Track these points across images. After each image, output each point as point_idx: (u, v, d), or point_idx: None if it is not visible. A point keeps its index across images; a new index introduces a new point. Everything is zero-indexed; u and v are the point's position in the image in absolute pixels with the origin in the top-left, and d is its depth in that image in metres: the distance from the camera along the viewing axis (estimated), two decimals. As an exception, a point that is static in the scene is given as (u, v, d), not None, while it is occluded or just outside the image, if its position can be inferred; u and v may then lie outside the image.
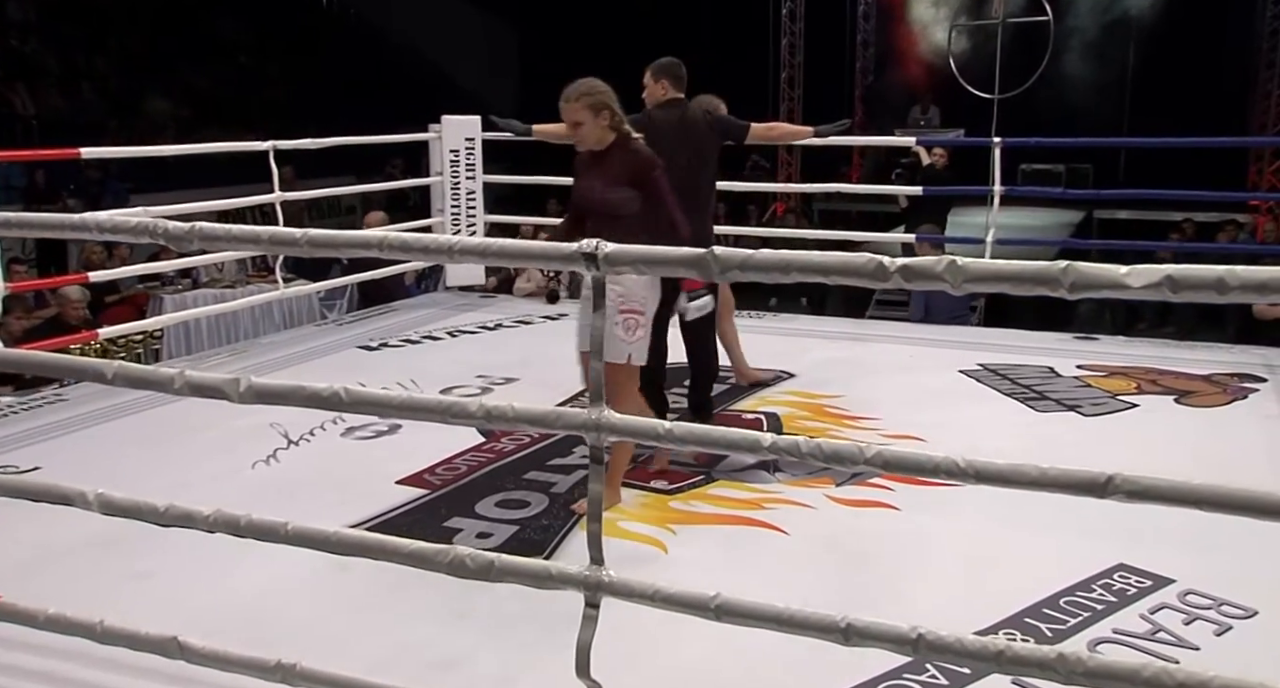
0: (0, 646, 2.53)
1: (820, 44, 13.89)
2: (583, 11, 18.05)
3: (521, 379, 5.41)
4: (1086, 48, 13.67)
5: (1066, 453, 4.14)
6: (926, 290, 6.33)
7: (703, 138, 4.46)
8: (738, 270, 1.62)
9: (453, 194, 7.05)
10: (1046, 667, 1.60)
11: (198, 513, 1.99)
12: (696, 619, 1.93)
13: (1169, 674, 1.64)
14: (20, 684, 2.45)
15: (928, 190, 7.42)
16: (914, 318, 7.30)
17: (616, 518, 3.62)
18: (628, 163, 3.59)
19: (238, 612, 2.80)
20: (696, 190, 4.29)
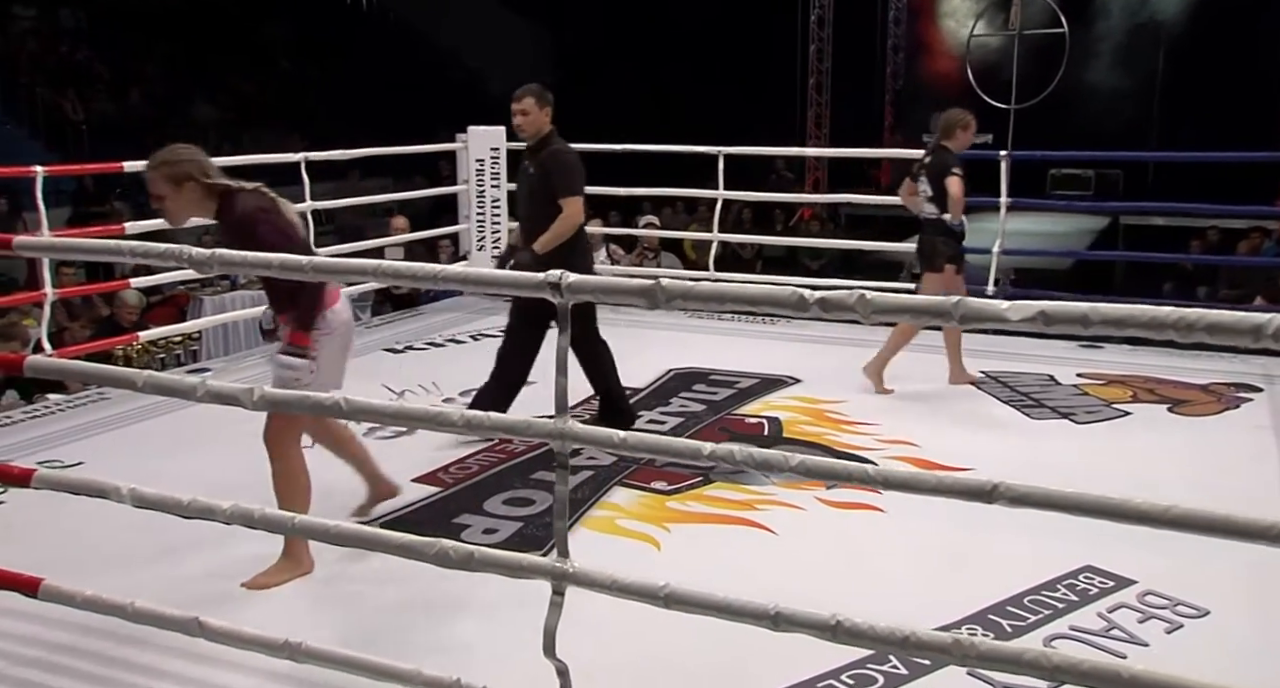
0: (44, 624, 2.80)
1: (848, 50, 14.03)
2: (615, 15, 18.29)
3: (537, 382, 5.63)
4: (1115, 54, 13.71)
5: (1054, 459, 4.38)
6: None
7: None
8: (680, 299, 1.83)
9: (478, 201, 7.30)
10: (946, 652, 1.79)
11: (217, 507, 2.23)
12: (682, 615, 2.15)
13: (1107, 668, 1.83)
14: (61, 659, 2.72)
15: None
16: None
17: (615, 516, 3.86)
18: (231, 229, 3.21)
19: (260, 595, 3.06)
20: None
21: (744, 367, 5.87)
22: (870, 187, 14.90)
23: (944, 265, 5.30)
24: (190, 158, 3.26)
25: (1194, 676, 1.85)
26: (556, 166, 4.49)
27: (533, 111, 4.49)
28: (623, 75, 17.67)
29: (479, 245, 7.41)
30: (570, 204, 4.44)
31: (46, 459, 4.23)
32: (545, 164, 4.51)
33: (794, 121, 14.09)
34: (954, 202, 5.16)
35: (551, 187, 4.47)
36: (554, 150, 4.53)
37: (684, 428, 4.88)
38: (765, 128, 14.87)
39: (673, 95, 16.66)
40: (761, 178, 14.99)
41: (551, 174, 4.49)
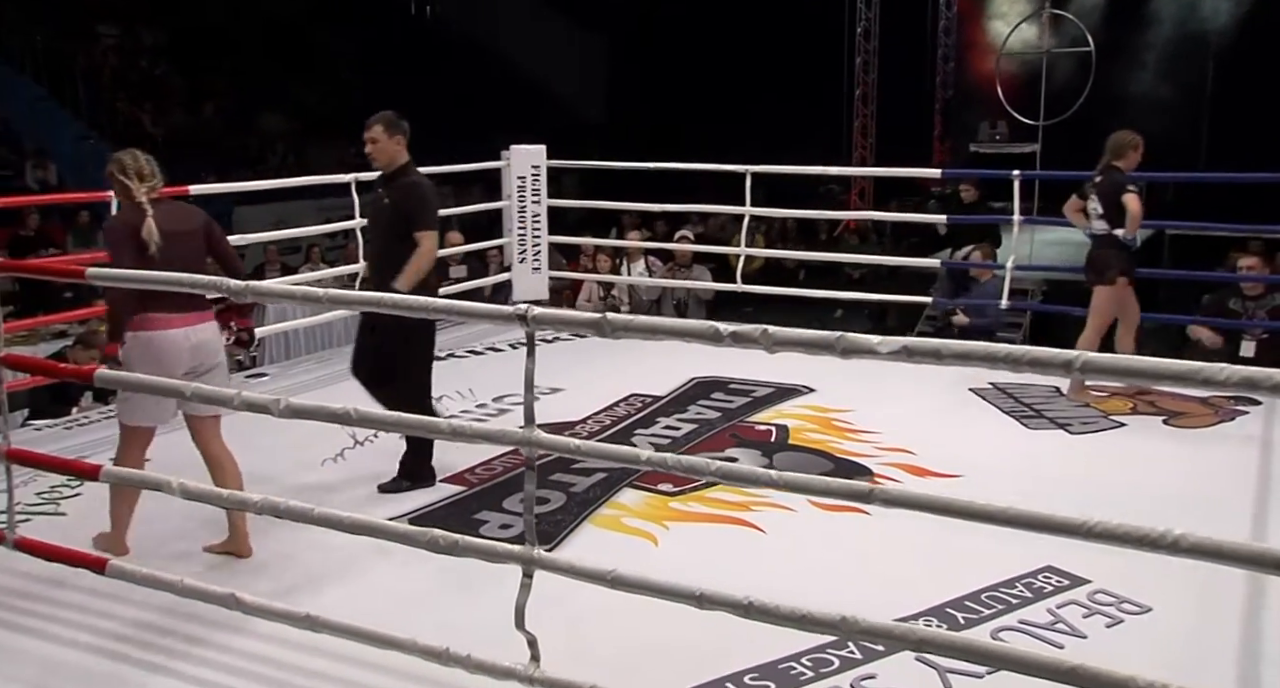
0: (109, 600, 3.24)
1: (895, 61, 14.23)
2: (668, 24, 18.66)
3: (566, 389, 6.02)
4: (1161, 66, 13.73)
5: (1041, 467, 4.64)
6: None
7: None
8: (624, 330, 2.18)
9: (519, 217, 7.72)
10: (895, 638, 2.11)
11: (248, 500, 2.64)
12: (670, 604, 2.49)
13: (1034, 657, 2.15)
14: (126, 630, 3.15)
15: (952, 219, 7.82)
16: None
17: (621, 515, 4.22)
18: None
19: (287, 578, 3.48)
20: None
21: (763, 376, 6.18)
22: (919, 196, 15.11)
23: (1116, 278, 5.59)
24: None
25: (1116, 665, 2.13)
26: (410, 198, 4.33)
27: (381, 139, 4.37)
28: (674, 83, 18.02)
29: (520, 258, 7.83)
30: (425, 238, 4.27)
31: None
32: (398, 195, 4.36)
33: (840, 132, 14.32)
34: (1132, 218, 5.41)
35: (405, 219, 4.30)
36: (408, 181, 4.39)
37: (696, 434, 5.23)
38: (812, 138, 15.14)
39: (721, 104, 16.98)
40: (808, 191, 15.27)
41: (404, 206, 4.33)
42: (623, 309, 8.11)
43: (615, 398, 5.82)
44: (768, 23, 16.43)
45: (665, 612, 2.50)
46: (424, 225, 4.28)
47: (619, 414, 5.59)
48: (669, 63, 18.48)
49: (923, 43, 15.26)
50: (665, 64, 18.56)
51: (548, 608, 2.61)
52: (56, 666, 3.00)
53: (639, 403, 5.75)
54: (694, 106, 17.31)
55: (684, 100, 17.55)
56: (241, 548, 3.55)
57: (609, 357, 6.84)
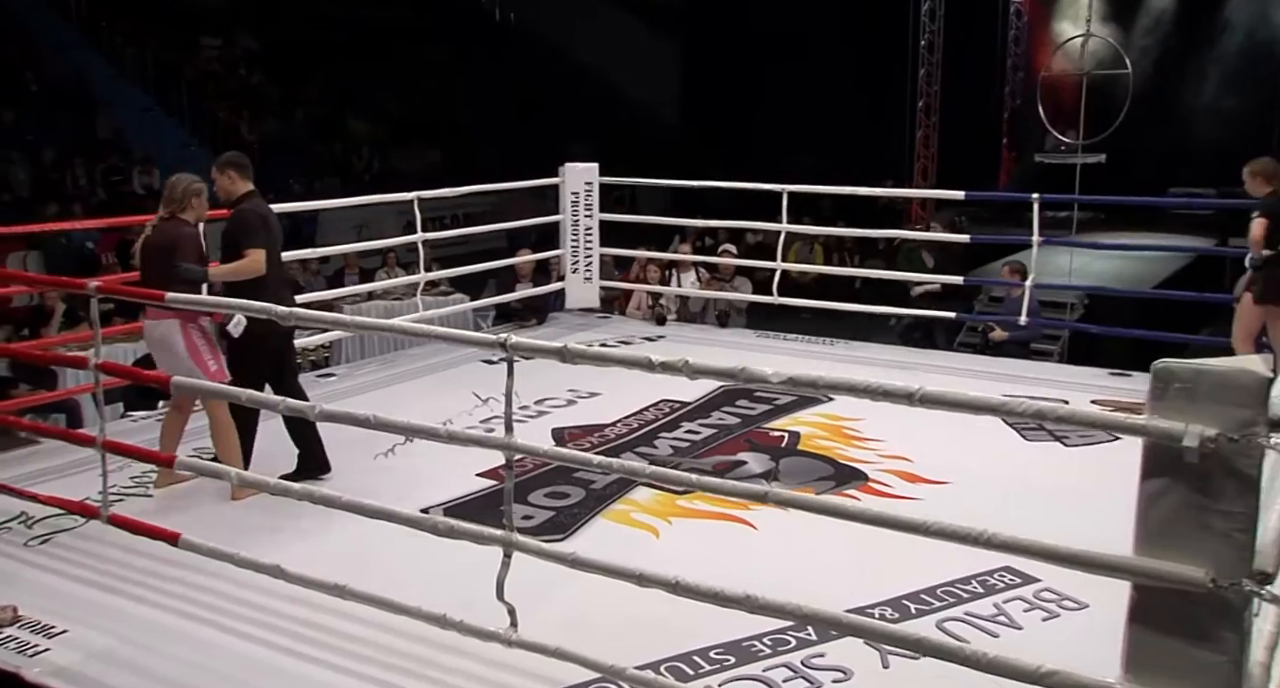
0: (179, 567, 3.84)
1: (960, 72, 14.40)
2: (739, 27, 19.04)
3: (603, 393, 6.53)
4: (1227, 77, 13.68)
5: (1026, 476, 4.99)
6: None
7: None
8: (580, 358, 2.68)
9: (573, 231, 8.25)
10: (838, 625, 2.57)
11: (290, 488, 3.20)
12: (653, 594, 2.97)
13: (950, 646, 2.59)
14: (191, 592, 3.75)
15: (975, 239, 8.12)
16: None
17: (630, 510, 4.70)
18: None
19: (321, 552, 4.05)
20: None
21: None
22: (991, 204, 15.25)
23: (1242, 295, 6.17)
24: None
25: (1039, 655, 2.49)
26: (237, 222, 4.95)
27: (217, 178, 5.09)
28: (743, 91, 18.42)
29: (573, 268, 8.36)
30: (251, 253, 4.84)
31: (200, 447, 5.31)
32: (229, 222, 5.01)
33: (903, 142, 14.58)
34: (1250, 241, 5.94)
35: (234, 242, 4.91)
36: (238, 209, 4.99)
37: (714, 439, 5.69)
38: (874, 148, 15.41)
39: (786, 113, 17.34)
40: (868, 201, 15.54)
41: (233, 230, 4.96)
42: (670, 317, 8.59)
43: (647, 403, 6.30)
44: (832, 35, 16.76)
45: (650, 595, 2.95)
46: (248, 245, 4.87)
47: (647, 418, 6.07)
48: (738, 70, 18.88)
49: (988, 54, 15.40)
50: (735, 71, 18.96)
51: (545, 587, 3.12)
52: (131, 619, 3.62)
53: (667, 408, 6.22)
54: (760, 114, 17.69)
55: (751, 107, 17.94)
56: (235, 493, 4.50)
57: (648, 363, 7.34)
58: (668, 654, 3.37)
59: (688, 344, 7.89)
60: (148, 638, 3.54)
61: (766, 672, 3.37)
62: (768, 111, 17.70)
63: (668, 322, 8.46)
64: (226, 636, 3.51)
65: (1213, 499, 1.98)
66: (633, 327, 8.40)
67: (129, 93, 17.02)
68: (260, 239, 4.89)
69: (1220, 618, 1.99)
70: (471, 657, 3.25)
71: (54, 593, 3.87)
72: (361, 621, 3.40)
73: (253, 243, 4.87)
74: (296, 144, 17.86)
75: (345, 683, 3.24)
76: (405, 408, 5.96)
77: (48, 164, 14.20)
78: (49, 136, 14.79)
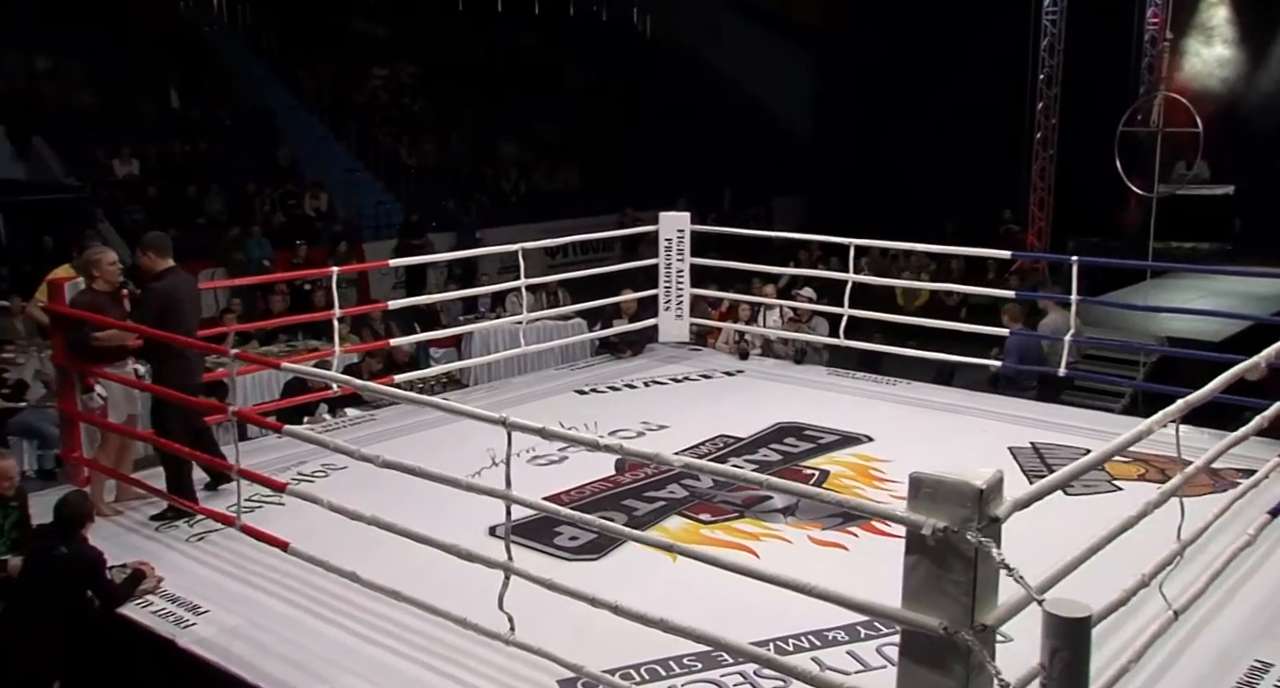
0: (307, 571, 4.98)
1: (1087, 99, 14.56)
2: (872, 47, 19.60)
3: (671, 426, 7.44)
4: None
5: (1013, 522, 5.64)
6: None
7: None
8: (521, 431, 3.62)
9: (665, 274, 9.20)
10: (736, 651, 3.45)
11: (343, 508, 4.28)
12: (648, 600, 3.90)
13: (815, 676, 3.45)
14: (298, 586, 4.89)
15: (1021, 295, 8.63)
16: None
17: (659, 536, 5.61)
18: None
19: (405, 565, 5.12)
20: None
21: (835, 423, 7.37)
22: (1098, 237, 15.44)
23: None
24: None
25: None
26: (137, 298, 5.84)
27: (142, 259, 5.91)
28: (871, 108, 19.00)
29: (665, 306, 9.32)
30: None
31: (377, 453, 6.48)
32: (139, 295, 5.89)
33: (1019, 173, 14.91)
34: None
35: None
36: (147, 286, 5.80)
37: (753, 473, 6.53)
38: (993, 177, 15.76)
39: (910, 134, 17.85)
40: (990, 228, 15.93)
41: (134, 302, 5.85)
42: (754, 352, 9.43)
43: (705, 437, 7.18)
44: (956, 63, 17.16)
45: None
46: (138, 319, 5.74)
47: (702, 452, 6.94)
48: (868, 89, 19.45)
49: (1114, 83, 15.49)
50: (865, 90, 19.55)
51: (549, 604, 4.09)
52: (256, 605, 4.79)
53: (721, 443, 7.09)
54: (887, 135, 18.27)
55: (878, 127, 18.55)
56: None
57: (720, 398, 8.23)
58: (644, 659, 4.28)
59: (758, 378, 8.75)
60: (266, 621, 4.68)
61: (723, 677, 4.24)
62: (893, 133, 18.25)
63: (750, 357, 9.31)
64: (321, 622, 4.63)
65: (945, 571, 2.78)
66: (717, 360, 9.28)
67: (306, 122, 18.93)
68: (149, 315, 5.70)
69: (952, 656, 2.79)
70: (494, 649, 4.25)
71: (203, 580, 5.08)
72: (418, 616, 4.45)
73: (137, 317, 5.75)
74: (450, 167, 19.40)
75: (406, 667, 4.29)
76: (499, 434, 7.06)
77: (238, 192, 16.04)
78: (239, 166, 16.70)
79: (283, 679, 4.24)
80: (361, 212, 17.28)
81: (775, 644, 4.40)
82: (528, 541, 5.31)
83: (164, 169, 15.97)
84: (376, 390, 5.10)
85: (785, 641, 4.45)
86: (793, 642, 4.44)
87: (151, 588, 4.91)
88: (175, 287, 5.82)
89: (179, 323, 5.74)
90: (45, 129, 15.56)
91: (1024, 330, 8.56)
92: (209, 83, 18.02)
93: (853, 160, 19.91)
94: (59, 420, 6.41)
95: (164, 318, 5.67)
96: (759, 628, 4.35)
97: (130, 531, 5.74)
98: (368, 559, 4.60)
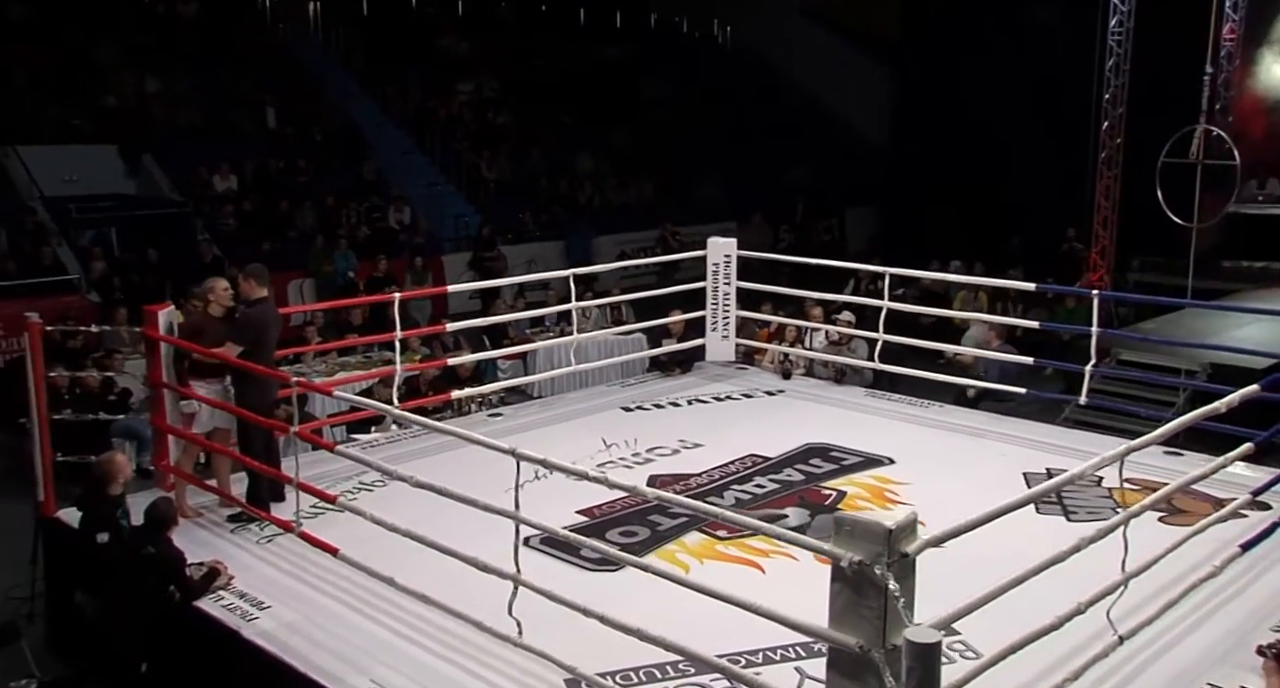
0: (357, 573, 5.62)
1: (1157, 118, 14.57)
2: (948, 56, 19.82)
3: (705, 445, 7.93)
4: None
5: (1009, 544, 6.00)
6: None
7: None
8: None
9: (712, 296, 9.70)
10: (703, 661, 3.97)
11: (394, 525, 4.88)
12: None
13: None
14: (348, 586, 5.53)
15: (1046, 326, 8.92)
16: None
17: (677, 550, 6.10)
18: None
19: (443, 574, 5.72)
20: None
21: (862, 445, 7.78)
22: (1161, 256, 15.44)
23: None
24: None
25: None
26: (234, 322, 6.57)
27: (242, 285, 6.61)
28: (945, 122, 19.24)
29: (712, 327, 9.82)
30: (228, 347, 6.32)
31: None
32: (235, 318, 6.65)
33: (1084, 191, 14.98)
34: None
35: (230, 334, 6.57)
36: (243, 311, 6.55)
37: (774, 493, 6.99)
38: (1056, 199, 15.87)
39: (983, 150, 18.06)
40: (1054, 247, 16.07)
41: (230, 325, 6.57)
42: (798, 372, 9.86)
43: (736, 456, 7.65)
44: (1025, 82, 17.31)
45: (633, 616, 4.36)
46: (230, 339, 6.40)
47: (730, 470, 7.43)
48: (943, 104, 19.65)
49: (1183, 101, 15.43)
50: (940, 105, 19.74)
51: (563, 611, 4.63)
52: (312, 603, 5.44)
53: (750, 462, 7.56)
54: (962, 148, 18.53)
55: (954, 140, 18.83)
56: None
57: (757, 417, 8.69)
58: (646, 663, 4.79)
59: (797, 399, 9.18)
60: (320, 618, 5.32)
61: (713, 681, 4.73)
62: (965, 146, 18.50)
63: (793, 376, 9.74)
64: (365, 620, 5.26)
65: (862, 598, 3.25)
66: (761, 380, 9.73)
67: (393, 136, 19.83)
68: (242, 338, 6.38)
69: (868, 670, 3.25)
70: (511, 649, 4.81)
71: (268, 579, 5.76)
72: (447, 617, 5.04)
73: (234, 339, 6.39)
74: (527, 181, 20.11)
75: (433, 662, 4.89)
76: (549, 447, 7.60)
77: (327, 206, 16.98)
78: (327, 181, 17.65)
79: (329, 670, 4.86)
80: (442, 224, 18.08)
81: (765, 654, 4.86)
82: (557, 552, 5.89)
83: (259, 184, 16.97)
84: (389, 412, 5.75)
85: (757, 654, 4.87)
86: (764, 654, 4.86)
87: (224, 584, 5.61)
88: (264, 313, 6.57)
89: (265, 346, 6.52)
90: (154, 147, 16.69)
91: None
92: (303, 101, 19.03)
93: (926, 173, 20.07)
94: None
95: (257, 342, 6.43)
96: (749, 638, 4.81)
97: (209, 530, 6.47)
98: (406, 565, 5.19)
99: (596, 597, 4.55)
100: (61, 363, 9.61)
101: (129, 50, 17.92)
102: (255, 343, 6.37)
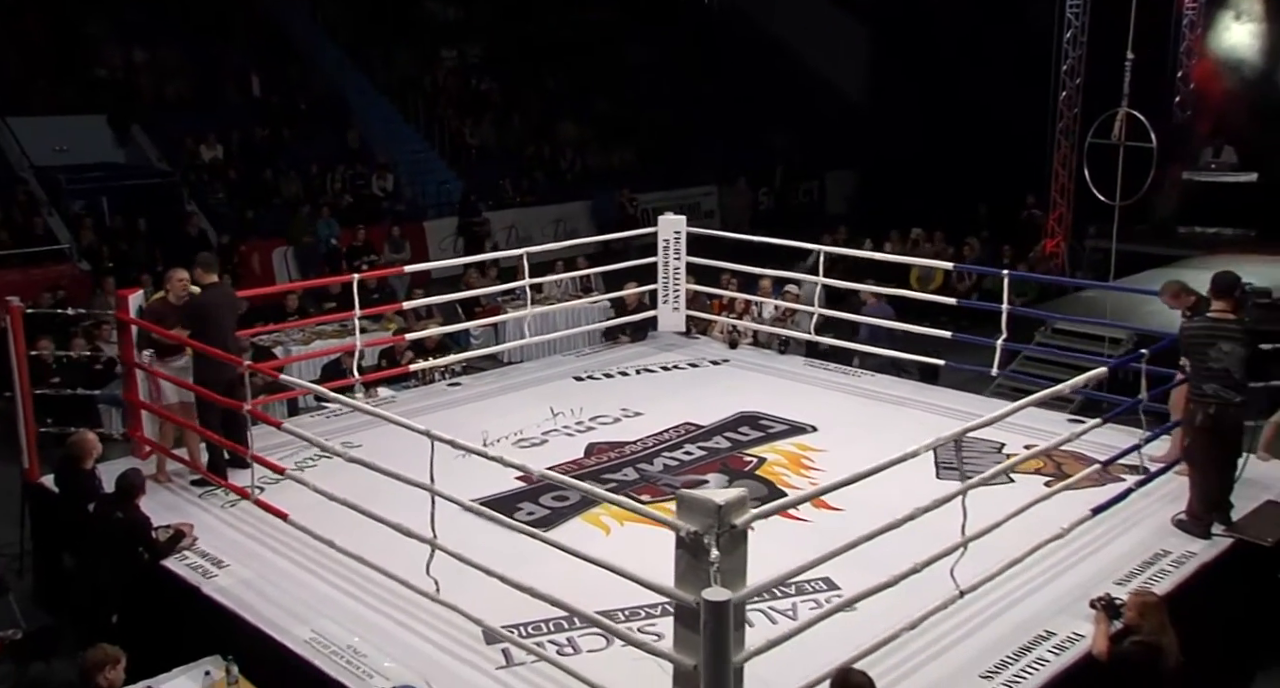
0: (309, 537, 6.24)
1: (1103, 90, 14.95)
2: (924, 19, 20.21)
3: (645, 413, 8.50)
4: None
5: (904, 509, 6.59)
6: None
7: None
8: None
9: (663, 270, 10.23)
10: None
11: (332, 494, 5.49)
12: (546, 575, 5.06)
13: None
14: (299, 547, 6.15)
15: (964, 303, 9.40)
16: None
17: (601, 513, 6.69)
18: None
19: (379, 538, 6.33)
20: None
21: (790, 413, 8.33)
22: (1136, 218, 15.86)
23: None
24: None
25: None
26: (184, 306, 7.18)
27: (194, 272, 7.22)
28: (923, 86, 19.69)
29: (663, 300, 10.37)
30: (178, 330, 7.04)
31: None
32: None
33: (1044, 159, 15.44)
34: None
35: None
36: (192, 297, 7.15)
37: (701, 459, 7.56)
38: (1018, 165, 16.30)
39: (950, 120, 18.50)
40: (1015, 214, 16.54)
41: (181, 310, 7.18)
42: (745, 342, 10.42)
43: (672, 424, 8.22)
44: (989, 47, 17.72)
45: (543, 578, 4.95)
46: (178, 324, 7.05)
47: (664, 438, 8.00)
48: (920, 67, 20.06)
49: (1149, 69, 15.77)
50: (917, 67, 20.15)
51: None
52: (266, 563, 6.06)
53: (684, 429, 8.13)
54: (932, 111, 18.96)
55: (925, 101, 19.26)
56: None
57: (699, 386, 9.24)
58: (555, 615, 5.38)
59: (740, 368, 9.74)
60: (272, 575, 5.94)
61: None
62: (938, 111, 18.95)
63: (739, 346, 10.30)
64: (312, 578, 5.88)
65: (699, 560, 3.84)
66: (709, 349, 10.28)
67: (377, 104, 20.21)
68: (189, 322, 7.00)
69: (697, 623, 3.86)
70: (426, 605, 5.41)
71: (228, 540, 6.37)
72: (381, 577, 5.65)
73: (183, 324, 7.02)
74: (510, 147, 20.51)
75: (369, 615, 5.51)
76: (502, 415, 8.21)
77: (311, 174, 17.45)
78: (312, 149, 18.09)
79: (276, 621, 5.48)
80: (425, 191, 18.55)
81: (646, 610, 5.40)
82: (495, 514, 6.48)
83: (245, 153, 17.44)
84: (322, 394, 6.40)
85: (639, 610, 5.42)
86: (645, 611, 5.42)
87: (189, 545, 6.23)
88: (211, 298, 7.14)
89: (216, 326, 7.05)
90: (142, 117, 17.14)
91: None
92: (289, 70, 19.40)
93: (903, 138, 20.48)
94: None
95: (204, 324, 6.98)
96: (631, 596, 5.28)
97: (179, 495, 7.09)
98: (346, 529, 5.79)
99: (520, 558, 5.13)
100: (51, 334, 10.18)
101: (117, 22, 18.29)
102: (203, 325, 6.95)
